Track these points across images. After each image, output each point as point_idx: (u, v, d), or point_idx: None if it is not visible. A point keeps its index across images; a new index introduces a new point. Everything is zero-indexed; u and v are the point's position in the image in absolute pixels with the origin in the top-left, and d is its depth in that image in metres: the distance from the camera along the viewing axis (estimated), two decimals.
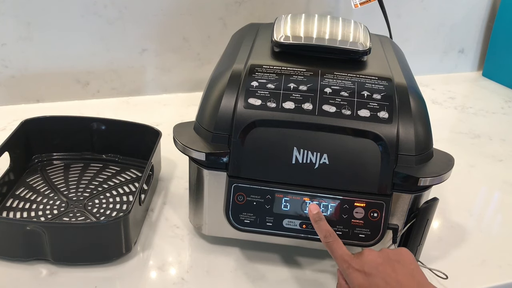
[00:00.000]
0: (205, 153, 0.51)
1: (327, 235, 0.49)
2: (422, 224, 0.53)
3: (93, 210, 0.63)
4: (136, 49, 0.90)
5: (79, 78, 0.89)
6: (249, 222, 0.53)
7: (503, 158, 0.85)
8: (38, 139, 0.69)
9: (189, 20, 0.91)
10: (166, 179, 0.71)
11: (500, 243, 0.64)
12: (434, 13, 1.09)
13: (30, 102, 0.88)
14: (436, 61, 1.16)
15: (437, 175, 0.51)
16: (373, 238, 0.52)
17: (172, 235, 0.61)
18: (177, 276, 0.55)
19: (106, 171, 0.70)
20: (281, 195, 0.52)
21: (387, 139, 0.50)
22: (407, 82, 0.56)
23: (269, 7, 0.94)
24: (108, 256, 0.55)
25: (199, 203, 0.56)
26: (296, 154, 0.51)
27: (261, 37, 0.64)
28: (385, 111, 0.52)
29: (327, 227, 0.50)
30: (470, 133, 0.93)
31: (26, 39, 0.83)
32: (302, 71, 0.55)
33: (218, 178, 0.53)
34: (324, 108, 0.52)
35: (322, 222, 0.50)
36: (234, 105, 0.52)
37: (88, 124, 0.70)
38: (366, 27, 0.64)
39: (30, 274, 0.53)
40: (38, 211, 0.61)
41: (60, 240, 0.52)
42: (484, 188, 0.77)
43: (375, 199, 0.51)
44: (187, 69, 0.95)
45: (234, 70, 0.55)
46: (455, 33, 1.14)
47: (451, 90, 1.10)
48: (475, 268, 0.60)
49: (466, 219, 0.68)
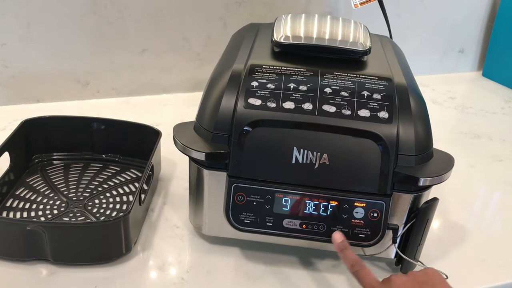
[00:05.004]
0: (205, 153, 0.51)
1: (354, 264, 0.49)
2: (422, 224, 0.53)
3: (93, 210, 0.62)
4: (136, 49, 0.90)
5: (79, 78, 0.89)
6: (249, 222, 0.53)
7: (503, 158, 0.85)
8: (38, 139, 0.69)
9: (189, 20, 0.91)
10: (166, 179, 0.71)
11: (500, 243, 0.64)
12: (434, 13, 1.09)
13: (30, 102, 0.88)
14: (436, 61, 1.16)
15: (437, 175, 0.51)
16: (373, 238, 0.52)
17: (172, 235, 0.61)
18: (177, 276, 0.55)
19: (106, 171, 0.70)
20: (281, 195, 0.52)
21: (387, 139, 0.50)
22: (407, 82, 0.56)
23: (269, 7, 0.94)
24: (108, 256, 0.55)
25: (199, 203, 0.56)
26: (296, 154, 0.51)
27: (261, 37, 0.64)
28: (385, 111, 0.52)
29: (354, 256, 0.49)
30: (470, 133, 0.92)
31: (26, 39, 0.83)
32: (302, 71, 0.55)
33: (218, 178, 0.53)
34: (324, 108, 0.52)
35: (347, 251, 0.50)
36: (234, 105, 0.52)
37: (88, 124, 0.69)
38: (366, 27, 0.64)
39: (30, 274, 0.53)
40: (38, 211, 0.61)
41: (60, 240, 0.52)
42: (484, 188, 0.76)
43: (375, 199, 0.51)
44: (187, 69, 0.95)
45: (234, 70, 0.55)
46: (455, 33, 1.14)
47: (451, 90, 1.10)
48: (475, 268, 0.60)
49: (466, 219, 0.68)
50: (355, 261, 0.49)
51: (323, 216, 0.52)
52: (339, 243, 0.51)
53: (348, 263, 0.49)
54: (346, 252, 0.50)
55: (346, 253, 0.50)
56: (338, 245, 0.51)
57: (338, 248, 0.50)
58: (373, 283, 0.47)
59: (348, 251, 0.50)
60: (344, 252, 0.50)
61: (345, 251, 0.50)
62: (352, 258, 0.49)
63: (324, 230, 0.52)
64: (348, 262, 0.49)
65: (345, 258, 0.50)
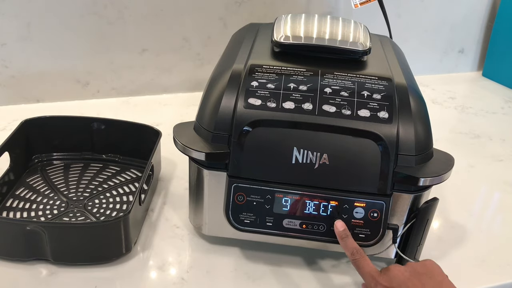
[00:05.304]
0: (205, 153, 0.51)
1: (354, 252, 0.49)
2: (422, 224, 0.53)
3: (93, 210, 0.62)
4: (136, 49, 0.90)
5: (79, 78, 0.89)
6: (249, 222, 0.53)
7: (503, 158, 0.85)
8: (38, 139, 0.69)
9: (189, 20, 0.91)
10: (166, 179, 0.71)
11: (500, 243, 0.64)
12: (434, 13, 1.09)
13: (30, 102, 0.88)
14: (436, 61, 1.16)
15: (437, 175, 0.51)
16: (373, 238, 0.52)
17: (172, 235, 0.60)
18: (177, 276, 0.55)
19: (106, 171, 0.70)
20: (281, 195, 0.52)
21: (387, 139, 0.50)
22: (407, 82, 0.56)
23: (269, 7, 0.94)
24: (108, 256, 0.55)
25: (199, 203, 0.56)
26: (296, 154, 0.51)
27: (261, 37, 0.64)
28: (385, 111, 0.52)
29: (354, 244, 0.50)
30: (470, 133, 0.92)
31: (26, 39, 0.83)
32: (302, 71, 0.55)
33: (218, 178, 0.53)
34: (324, 108, 0.52)
35: (348, 239, 0.50)
36: (234, 105, 0.52)
37: (88, 124, 0.69)
38: (366, 27, 0.64)
39: (30, 274, 0.53)
40: (38, 211, 0.61)
41: (60, 240, 0.52)
42: (484, 188, 0.76)
43: (375, 199, 0.51)
44: (187, 69, 0.95)
45: (234, 70, 0.55)
46: (455, 33, 1.14)
47: (451, 90, 1.10)
48: (475, 268, 0.60)
49: (466, 219, 0.68)
50: (356, 249, 0.49)
51: (323, 216, 0.52)
52: (341, 231, 0.51)
53: (348, 251, 0.50)
54: (347, 240, 0.50)
55: (347, 241, 0.50)
56: (339, 233, 0.51)
57: (339, 236, 0.51)
58: (372, 272, 0.47)
59: (349, 239, 0.50)
60: (345, 241, 0.50)
61: (346, 239, 0.50)
62: (353, 247, 0.50)
63: (324, 230, 0.53)
64: (348, 251, 0.50)
65: (346, 247, 0.50)
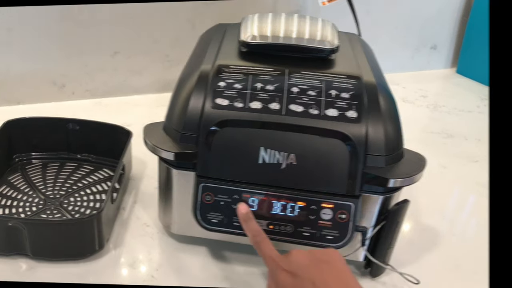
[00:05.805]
0: (173, 153, 0.51)
1: (255, 234, 0.49)
2: (392, 227, 0.52)
3: (68, 208, 0.63)
4: (108, 52, 0.91)
5: (56, 80, 0.90)
6: (217, 221, 0.53)
7: (479, 159, 0.82)
8: (19, 139, 0.70)
9: (158, 22, 0.91)
10: (137, 178, 0.71)
11: (474, 247, 0.62)
12: (405, 7, 1.05)
13: (11, 104, 0.89)
14: (407, 58, 1.12)
15: (408, 176, 0.50)
16: (341, 240, 0.52)
17: (143, 233, 0.61)
18: (147, 274, 0.55)
19: (81, 170, 0.71)
20: (248, 195, 0.52)
21: (356, 139, 0.50)
22: (377, 80, 0.55)
23: (237, 8, 0.93)
24: (82, 253, 0.56)
25: (168, 202, 0.57)
26: (263, 154, 0.50)
27: (229, 38, 0.64)
28: (353, 110, 0.51)
29: (256, 226, 0.50)
30: (443, 133, 0.90)
31: (7, 44, 0.84)
32: (269, 71, 0.55)
33: (186, 177, 0.53)
34: (291, 108, 0.51)
35: (251, 221, 0.50)
36: (202, 105, 0.52)
37: (64, 124, 0.70)
38: (334, 25, 0.63)
39: (11, 269, 0.54)
40: (18, 208, 0.63)
41: (38, 236, 0.53)
42: (457, 190, 0.74)
43: (343, 200, 0.51)
44: (157, 71, 0.95)
45: (202, 71, 0.55)
46: (427, 29, 1.08)
47: (422, 88, 1.06)
48: (448, 273, 0.58)
49: (438, 222, 0.67)
50: (257, 231, 0.49)
51: (290, 217, 0.52)
52: (244, 213, 0.51)
53: (250, 233, 0.50)
54: (250, 222, 0.50)
55: (249, 223, 0.50)
56: (242, 215, 0.51)
57: (242, 219, 0.51)
58: (273, 256, 0.47)
59: (252, 221, 0.50)
60: (247, 223, 0.50)
61: (249, 221, 0.50)
62: (255, 229, 0.49)
63: (291, 231, 0.52)
64: (250, 232, 0.50)
65: (248, 228, 0.50)
